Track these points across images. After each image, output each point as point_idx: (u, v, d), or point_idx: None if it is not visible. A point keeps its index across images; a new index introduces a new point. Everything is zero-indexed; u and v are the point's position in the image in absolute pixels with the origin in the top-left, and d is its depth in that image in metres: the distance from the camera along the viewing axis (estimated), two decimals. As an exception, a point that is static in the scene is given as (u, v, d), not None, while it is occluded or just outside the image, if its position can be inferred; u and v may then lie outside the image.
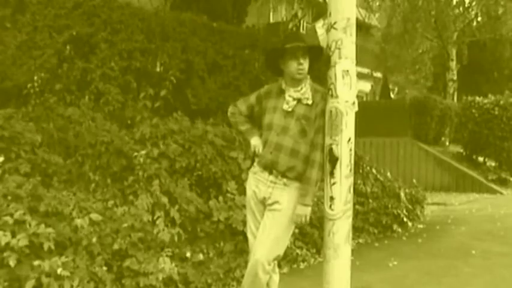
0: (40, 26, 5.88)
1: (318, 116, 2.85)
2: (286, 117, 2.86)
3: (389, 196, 7.17)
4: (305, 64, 2.85)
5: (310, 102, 2.85)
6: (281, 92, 2.93)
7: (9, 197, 3.58)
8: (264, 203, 2.91)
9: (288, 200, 2.84)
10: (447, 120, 14.21)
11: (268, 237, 2.83)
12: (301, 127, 2.83)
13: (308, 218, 2.85)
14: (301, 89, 2.87)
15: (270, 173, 2.87)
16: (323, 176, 2.84)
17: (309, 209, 2.84)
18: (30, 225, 3.30)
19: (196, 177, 4.86)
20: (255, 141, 2.99)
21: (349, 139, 2.78)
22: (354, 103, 2.79)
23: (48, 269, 3.10)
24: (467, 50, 17.96)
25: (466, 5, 16.84)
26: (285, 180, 2.85)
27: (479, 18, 18.24)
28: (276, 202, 2.85)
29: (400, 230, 6.79)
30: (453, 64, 17.07)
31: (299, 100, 2.86)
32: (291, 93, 2.89)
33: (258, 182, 2.92)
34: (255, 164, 2.99)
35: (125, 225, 3.81)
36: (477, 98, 13.44)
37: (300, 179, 2.85)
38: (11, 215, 3.31)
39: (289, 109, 2.86)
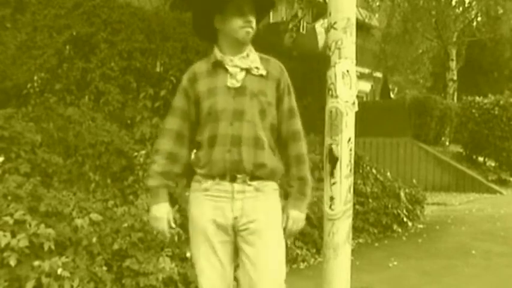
0: (40, 26, 5.88)
1: (286, 94, 2.14)
2: (237, 97, 2.03)
3: (389, 196, 7.17)
4: (254, 21, 2.07)
5: (264, 72, 2.07)
6: (216, 66, 2.09)
7: (9, 197, 3.58)
8: (233, 228, 2.02)
9: (267, 212, 2.05)
10: (447, 120, 14.23)
11: (265, 272, 1.99)
12: (260, 106, 2.04)
13: (302, 224, 2.18)
14: (248, 55, 2.09)
15: (233, 179, 2.01)
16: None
17: (304, 215, 2.17)
18: (30, 225, 3.30)
19: (196, 177, 4.85)
20: (159, 212, 2.04)
21: (349, 139, 2.78)
22: (354, 103, 2.78)
23: (48, 269, 3.10)
24: (465, 50, 17.99)
25: (466, 5, 16.85)
26: (255, 183, 2.03)
27: (479, 18, 18.26)
28: (252, 221, 2.01)
29: (400, 230, 6.79)
30: (453, 64, 17.08)
31: (248, 70, 2.06)
32: (235, 62, 2.06)
33: (216, 201, 2.02)
34: (199, 178, 2.06)
35: (125, 225, 3.80)
36: (477, 98, 13.47)
37: (273, 176, 2.09)
38: (11, 215, 3.31)
39: (238, 84, 2.04)
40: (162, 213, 2.04)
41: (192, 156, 2.12)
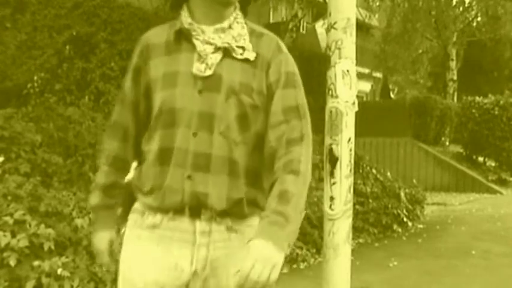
0: (40, 26, 5.90)
1: (281, 85, 1.31)
2: (205, 91, 1.27)
3: (389, 196, 7.17)
4: None
5: (251, 55, 1.30)
6: (181, 37, 1.31)
7: (9, 197, 3.59)
8: (186, 285, 1.29)
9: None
10: (447, 120, 14.23)
11: None
12: (240, 110, 1.28)
13: (277, 271, 1.15)
14: (230, 26, 1.32)
15: (195, 215, 1.28)
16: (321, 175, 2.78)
17: (282, 257, 1.16)
18: (30, 225, 3.30)
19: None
20: (99, 244, 1.44)
21: (349, 139, 2.78)
22: (354, 103, 2.78)
23: (48, 269, 3.10)
24: (464, 50, 18.00)
25: (466, 5, 16.85)
26: (228, 220, 1.30)
27: (479, 18, 18.27)
28: (216, 275, 1.30)
29: (400, 230, 6.79)
30: (453, 64, 17.08)
31: (226, 51, 1.29)
32: (208, 36, 1.29)
33: (168, 245, 1.29)
34: (141, 208, 1.35)
35: (125, 225, 3.80)
36: (477, 98, 13.47)
37: (254, 212, 1.33)
38: (11, 215, 3.31)
39: (208, 71, 1.27)
40: (102, 244, 1.43)
41: (132, 172, 1.41)
